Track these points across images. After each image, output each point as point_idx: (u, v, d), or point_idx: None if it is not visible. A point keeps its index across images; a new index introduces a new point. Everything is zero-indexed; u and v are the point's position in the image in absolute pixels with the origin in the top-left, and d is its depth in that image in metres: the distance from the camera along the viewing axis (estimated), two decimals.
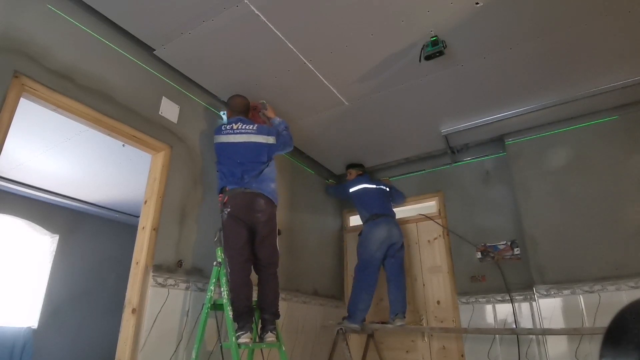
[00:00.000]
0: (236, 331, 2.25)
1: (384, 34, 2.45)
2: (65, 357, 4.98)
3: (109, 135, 2.39)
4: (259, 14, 2.27)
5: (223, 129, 2.71)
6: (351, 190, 3.91)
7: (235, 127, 2.71)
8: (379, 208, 3.74)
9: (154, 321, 2.27)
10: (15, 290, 4.82)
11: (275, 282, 2.57)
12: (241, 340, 2.21)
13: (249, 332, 2.27)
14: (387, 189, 3.99)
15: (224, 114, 2.94)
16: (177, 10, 2.26)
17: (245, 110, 2.90)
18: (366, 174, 4.15)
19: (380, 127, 3.63)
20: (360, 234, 3.74)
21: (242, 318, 2.30)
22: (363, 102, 3.19)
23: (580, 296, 2.92)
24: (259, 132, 2.72)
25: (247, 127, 2.72)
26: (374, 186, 3.93)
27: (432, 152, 4.12)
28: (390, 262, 3.58)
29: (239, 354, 2.16)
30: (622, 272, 2.83)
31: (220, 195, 2.59)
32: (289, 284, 3.40)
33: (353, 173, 4.14)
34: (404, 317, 3.42)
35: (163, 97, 2.68)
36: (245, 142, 2.66)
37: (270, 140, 2.74)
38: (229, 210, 2.48)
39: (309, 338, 3.57)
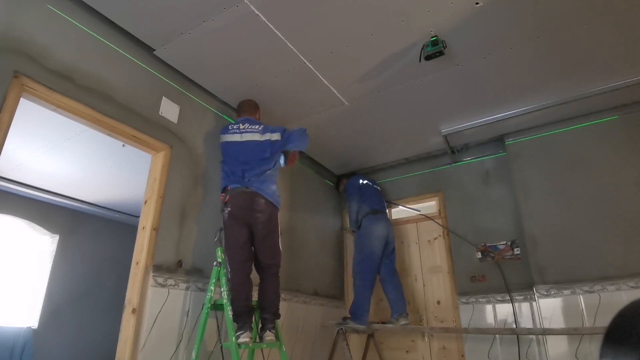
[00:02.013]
0: (236, 331, 2.25)
1: (384, 34, 2.45)
2: (66, 357, 4.98)
3: (109, 135, 2.39)
4: (259, 14, 2.27)
5: (230, 128, 2.73)
6: (360, 182, 3.93)
7: (242, 127, 2.72)
8: (378, 204, 3.79)
9: (154, 321, 2.27)
10: (15, 290, 4.82)
11: (276, 283, 2.56)
12: (241, 340, 2.21)
13: (248, 332, 2.27)
14: (379, 188, 4.08)
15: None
16: (177, 11, 2.26)
17: (252, 110, 2.92)
18: (358, 173, 4.18)
19: (380, 127, 3.63)
20: (355, 231, 3.76)
21: (242, 318, 2.30)
22: (363, 102, 3.19)
23: (581, 296, 2.92)
24: (264, 131, 2.72)
25: (253, 127, 2.72)
26: (376, 186, 4.00)
27: (432, 152, 4.12)
28: (385, 262, 3.58)
29: (239, 354, 2.16)
30: (622, 272, 2.83)
31: (222, 194, 2.59)
32: (289, 284, 3.40)
33: (345, 180, 4.22)
34: (407, 315, 3.43)
35: (163, 97, 2.68)
36: (249, 141, 2.67)
37: (275, 137, 2.71)
38: (229, 209, 2.48)
39: (309, 338, 3.57)
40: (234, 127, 2.73)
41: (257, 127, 2.73)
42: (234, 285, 2.36)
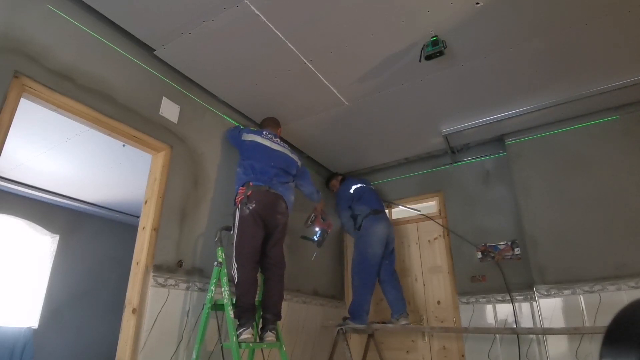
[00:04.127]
0: (237, 328, 2.25)
1: (384, 34, 2.45)
2: (66, 357, 4.98)
3: (109, 135, 2.39)
4: (259, 14, 2.27)
5: (264, 133, 2.90)
6: (353, 188, 3.84)
7: (275, 138, 2.93)
8: (378, 204, 3.77)
9: (155, 321, 2.27)
10: (16, 291, 4.82)
11: (282, 284, 2.61)
12: (243, 337, 2.21)
13: (250, 329, 2.27)
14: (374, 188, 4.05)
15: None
16: (177, 11, 2.26)
17: (276, 126, 3.13)
18: (349, 178, 4.12)
19: (380, 127, 3.63)
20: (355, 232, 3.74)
21: (245, 315, 2.30)
22: (363, 102, 3.19)
23: (581, 296, 2.92)
24: (292, 151, 2.99)
25: (283, 143, 2.97)
26: (372, 187, 3.97)
27: (433, 152, 4.12)
28: (385, 263, 3.56)
29: (240, 354, 2.16)
30: (623, 272, 2.83)
31: (242, 188, 2.60)
32: (289, 284, 3.38)
33: (337, 181, 4.14)
34: (407, 315, 3.43)
35: (163, 97, 2.68)
36: (281, 152, 2.87)
37: (299, 162, 3.03)
38: (253, 206, 2.49)
39: (309, 338, 3.57)
40: (267, 133, 2.91)
41: (286, 144, 2.98)
42: (244, 282, 2.35)
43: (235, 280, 2.37)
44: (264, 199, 2.55)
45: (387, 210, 4.18)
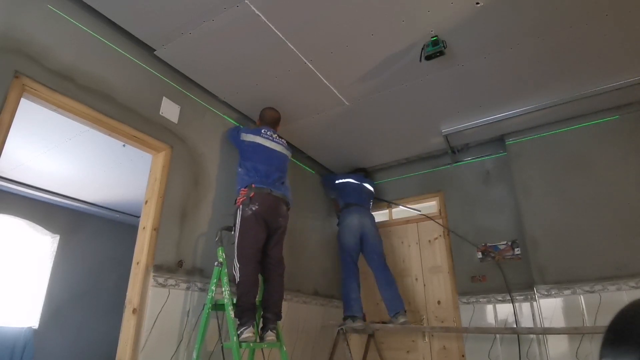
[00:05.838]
0: (238, 327, 2.26)
1: (384, 34, 2.45)
2: (66, 357, 4.98)
3: (109, 135, 2.39)
4: (260, 14, 2.27)
5: (262, 132, 2.88)
6: (337, 181, 4.06)
7: (273, 135, 2.93)
8: (354, 199, 3.87)
9: (155, 321, 2.28)
10: (16, 291, 4.82)
11: (282, 284, 2.63)
12: (244, 336, 2.21)
13: (251, 328, 2.28)
14: (372, 190, 4.11)
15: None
16: (178, 11, 2.26)
17: (276, 125, 3.10)
18: (359, 174, 4.17)
19: (380, 127, 3.63)
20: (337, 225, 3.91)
21: (246, 314, 2.31)
22: (363, 102, 3.19)
23: (581, 296, 2.92)
24: (287, 147, 3.00)
25: (280, 140, 2.97)
26: (358, 182, 4.03)
27: (433, 152, 4.12)
28: (372, 257, 3.63)
29: (240, 354, 2.16)
30: (623, 272, 2.83)
31: (244, 190, 2.61)
32: (289, 284, 3.39)
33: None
34: (405, 313, 3.42)
35: (163, 97, 2.68)
36: (279, 152, 2.89)
37: (289, 155, 3.03)
38: (256, 208, 2.52)
39: (310, 338, 3.57)
40: (266, 132, 2.90)
41: (282, 140, 3.00)
42: (246, 281, 2.37)
43: (237, 279, 2.38)
44: (266, 202, 2.58)
45: (370, 204, 4.19)
